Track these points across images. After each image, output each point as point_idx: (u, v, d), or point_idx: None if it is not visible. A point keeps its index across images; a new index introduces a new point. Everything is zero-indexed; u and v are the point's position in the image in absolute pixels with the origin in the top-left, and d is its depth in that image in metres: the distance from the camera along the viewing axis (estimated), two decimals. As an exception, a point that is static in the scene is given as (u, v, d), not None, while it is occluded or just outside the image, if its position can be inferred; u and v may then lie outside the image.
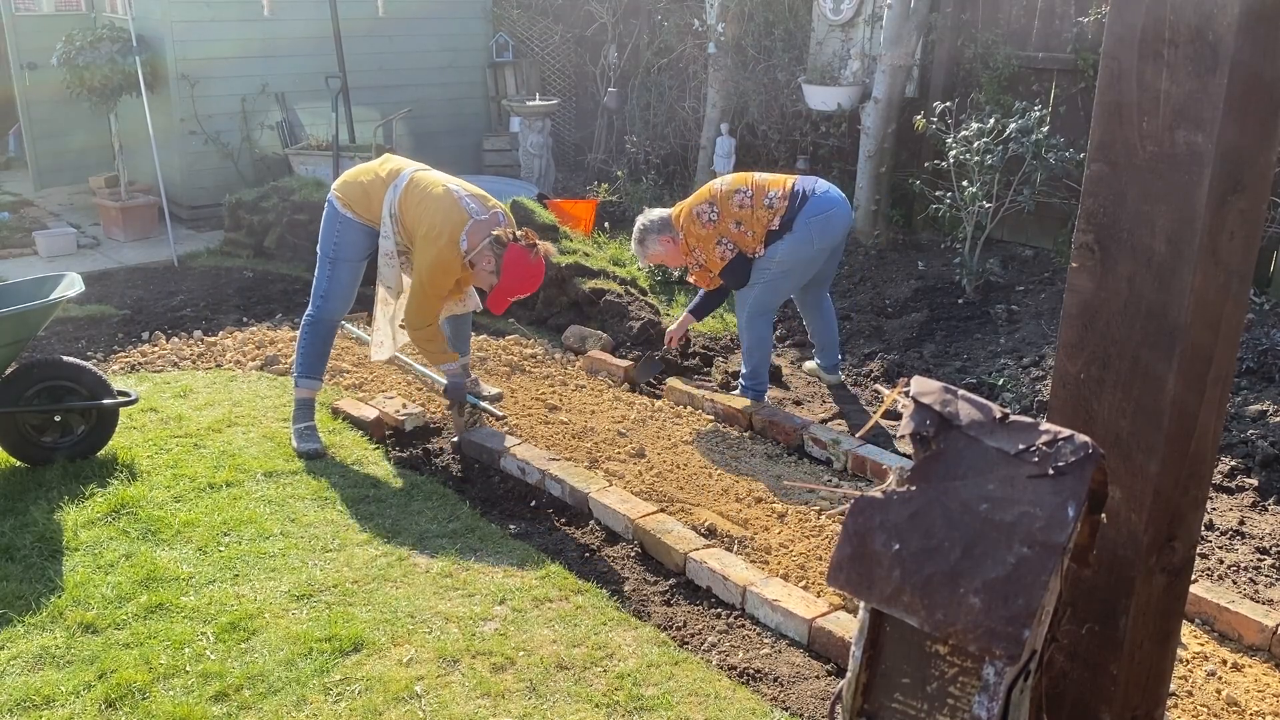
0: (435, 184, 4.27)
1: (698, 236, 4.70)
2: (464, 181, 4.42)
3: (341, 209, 4.36)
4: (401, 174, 4.31)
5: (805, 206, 4.65)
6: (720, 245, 4.68)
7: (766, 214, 4.65)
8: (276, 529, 3.74)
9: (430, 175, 4.35)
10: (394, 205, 4.26)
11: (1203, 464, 1.87)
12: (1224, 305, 1.76)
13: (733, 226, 4.66)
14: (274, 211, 7.30)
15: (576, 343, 5.64)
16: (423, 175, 4.33)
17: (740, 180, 4.79)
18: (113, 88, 7.99)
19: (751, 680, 2.98)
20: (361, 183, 4.36)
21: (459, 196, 4.23)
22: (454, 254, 4.16)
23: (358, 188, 4.36)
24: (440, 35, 9.34)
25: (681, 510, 3.89)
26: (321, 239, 4.45)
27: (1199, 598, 3.27)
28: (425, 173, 4.36)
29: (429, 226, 4.17)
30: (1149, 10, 1.67)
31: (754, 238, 4.66)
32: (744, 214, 4.65)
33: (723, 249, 4.68)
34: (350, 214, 4.35)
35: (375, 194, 4.31)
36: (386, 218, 4.29)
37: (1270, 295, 5.61)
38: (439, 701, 2.86)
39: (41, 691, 2.86)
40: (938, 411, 1.78)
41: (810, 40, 7.81)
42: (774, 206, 4.65)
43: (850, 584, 1.75)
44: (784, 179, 4.80)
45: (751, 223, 4.65)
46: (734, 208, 4.66)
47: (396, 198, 4.26)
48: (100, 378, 4.17)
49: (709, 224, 4.68)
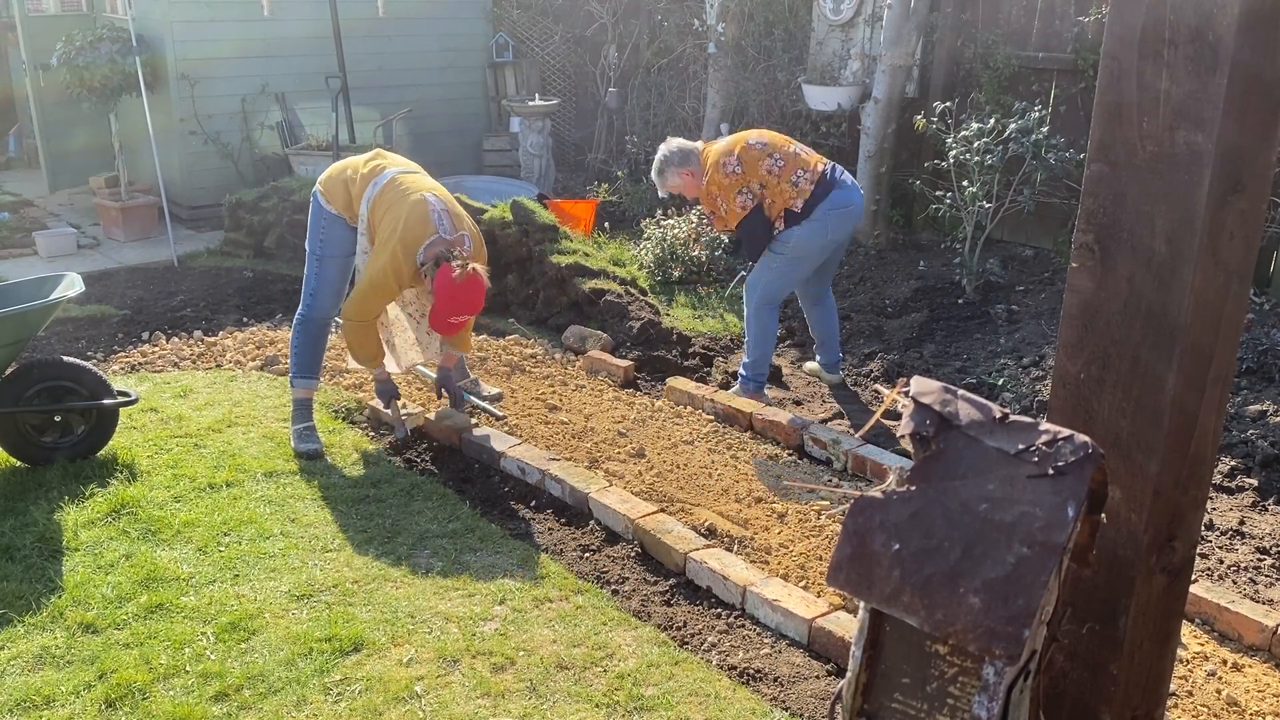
0: (414, 189, 4.15)
1: (720, 184, 4.68)
2: (449, 196, 4.30)
3: (325, 205, 4.32)
4: (384, 172, 4.23)
5: (829, 197, 4.66)
6: (741, 195, 4.65)
7: (791, 191, 4.64)
8: (276, 529, 3.74)
9: (414, 180, 4.23)
10: (370, 202, 4.19)
11: (1203, 464, 1.87)
12: (1224, 305, 1.76)
13: (756, 187, 4.65)
14: (274, 212, 7.30)
15: (576, 343, 5.64)
16: (405, 178, 4.22)
17: (776, 144, 4.72)
18: (113, 88, 8.00)
19: (751, 680, 2.98)
20: (345, 178, 4.30)
21: (432, 209, 4.10)
22: (408, 263, 4.06)
23: (340, 183, 4.31)
24: (440, 35, 9.35)
25: (681, 510, 3.89)
26: (309, 236, 4.42)
27: (1199, 598, 3.27)
28: (410, 176, 4.26)
29: (391, 230, 4.07)
30: (1149, 10, 1.67)
31: (772, 207, 4.67)
32: (770, 179, 4.63)
33: (744, 199, 4.65)
34: (334, 210, 4.31)
35: (356, 191, 4.24)
36: (363, 214, 4.22)
37: (1270, 295, 5.60)
38: (439, 701, 2.86)
39: (42, 691, 2.86)
40: (938, 411, 1.78)
41: (810, 40, 7.81)
42: (800, 186, 4.64)
43: (850, 584, 1.75)
44: (815, 158, 4.77)
45: (775, 193, 4.65)
46: (762, 171, 4.63)
47: (374, 194, 4.18)
48: (100, 378, 4.17)
49: (732, 174, 4.64)
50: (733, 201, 4.68)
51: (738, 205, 4.67)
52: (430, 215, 4.08)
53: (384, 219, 4.13)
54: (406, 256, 4.05)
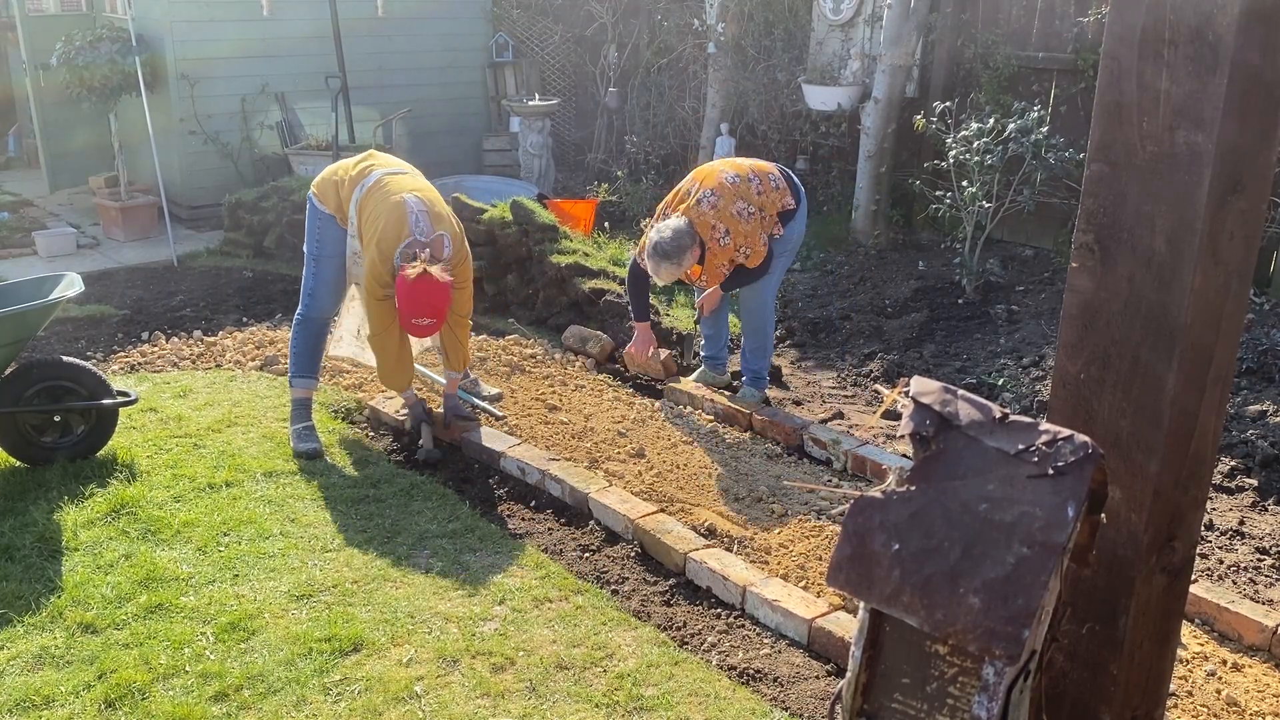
0: (396, 191, 4.14)
1: (744, 234, 4.55)
2: (435, 197, 4.26)
3: (320, 205, 4.35)
4: (371, 174, 4.23)
5: (794, 184, 4.76)
6: (763, 234, 4.62)
7: (777, 195, 4.68)
8: (276, 529, 3.74)
9: (399, 180, 4.21)
10: (357, 204, 4.19)
11: (1203, 464, 1.87)
12: (1224, 305, 1.76)
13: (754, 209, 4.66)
14: (274, 211, 7.30)
15: (576, 343, 5.64)
16: (390, 179, 4.20)
17: (737, 168, 4.68)
18: (112, 87, 8.00)
19: (751, 680, 2.98)
20: (335, 180, 4.32)
21: (410, 210, 4.08)
22: (385, 266, 4.05)
23: (331, 185, 4.33)
24: (440, 35, 9.34)
25: (681, 510, 3.89)
26: (306, 237, 4.45)
27: (1199, 598, 3.27)
28: (397, 177, 4.23)
29: (370, 233, 4.09)
30: (1149, 10, 1.67)
31: (771, 220, 4.68)
32: (763, 199, 4.65)
33: (764, 236, 4.62)
34: (327, 210, 4.32)
35: (345, 193, 4.26)
36: (351, 216, 4.22)
37: (1270, 295, 5.61)
38: (439, 701, 2.86)
39: (41, 691, 2.86)
40: (938, 411, 1.78)
41: (810, 40, 7.81)
42: (780, 188, 4.69)
43: (850, 584, 1.75)
44: (757, 161, 4.80)
45: (769, 204, 4.67)
46: (754, 194, 4.62)
47: (360, 196, 4.18)
48: (100, 378, 4.16)
49: (751, 216, 4.56)
50: (758, 242, 4.60)
51: (761, 243, 4.62)
52: (407, 217, 4.06)
53: (367, 223, 4.14)
54: (384, 260, 4.05)
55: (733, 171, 4.66)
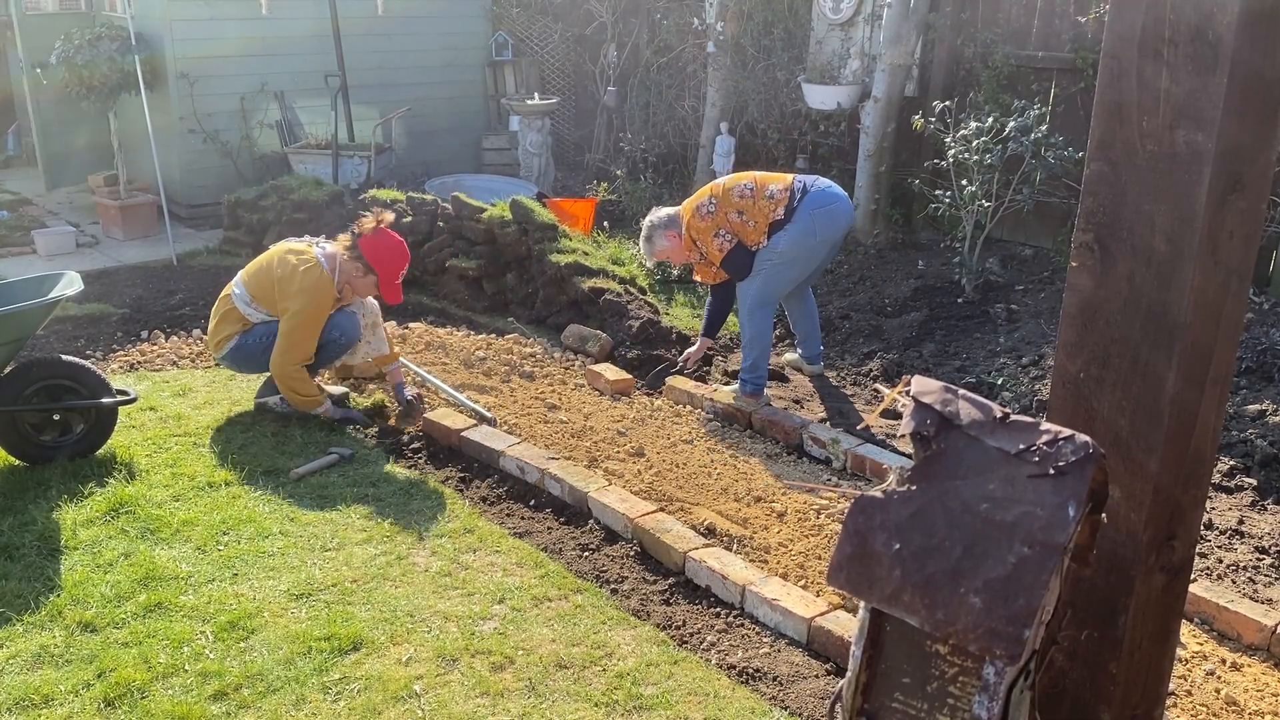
0: (269, 261, 4.56)
1: (698, 229, 4.81)
2: (285, 246, 4.66)
3: (265, 318, 4.62)
4: (234, 281, 4.67)
5: (807, 198, 4.75)
6: (718, 237, 4.77)
7: (769, 205, 4.74)
8: (275, 528, 3.74)
9: (250, 268, 4.63)
10: (244, 297, 4.55)
11: (1202, 463, 1.87)
12: (1224, 304, 1.76)
13: (734, 216, 4.75)
14: (273, 210, 7.29)
15: (576, 342, 5.64)
16: (248, 271, 4.62)
17: (743, 176, 4.91)
18: (112, 86, 7.98)
19: (751, 679, 2.98)
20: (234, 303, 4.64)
21: (313, 257, 4.48)
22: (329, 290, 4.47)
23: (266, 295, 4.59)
24: (440, 34, 9.34)
25: (681, 509, 3.88)
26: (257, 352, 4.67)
27: (1198, 597, 3.28)
28: (250, 268, 4.63)
29: (299, 283, 4.42)
30: (1149, 9, 1.67)
31: (756, 228, 4.74)
32: (745, 204, 4.74)
33: (720, 240, 4.77)
34: (267, 316, 4.58)
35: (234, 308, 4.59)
36: (247, 310, 4.55)
37: (1270, 294, 5.61)
38: (438, 700, 2.86)
39: (40, 690, 2.86)
40: (938, 411, 1.78)
41: (810, 39, 7.80)
42: (775, 198, 4.75)
43: (850, 583, 1.75)
44: (785, 176, 4.91)
45: (754, 213, 4.73)
46: (735, 198, 4.76)
47: (243, 292, 4.55)
48: (99, 376, 4.16)
49: (707, 216, 4.78)
50: (710, 243, 4.80)
51: (715, 247, 4.80)
52: (317, 262, 4.47)
53: (278, 283, 4.47)
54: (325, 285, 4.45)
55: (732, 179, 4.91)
